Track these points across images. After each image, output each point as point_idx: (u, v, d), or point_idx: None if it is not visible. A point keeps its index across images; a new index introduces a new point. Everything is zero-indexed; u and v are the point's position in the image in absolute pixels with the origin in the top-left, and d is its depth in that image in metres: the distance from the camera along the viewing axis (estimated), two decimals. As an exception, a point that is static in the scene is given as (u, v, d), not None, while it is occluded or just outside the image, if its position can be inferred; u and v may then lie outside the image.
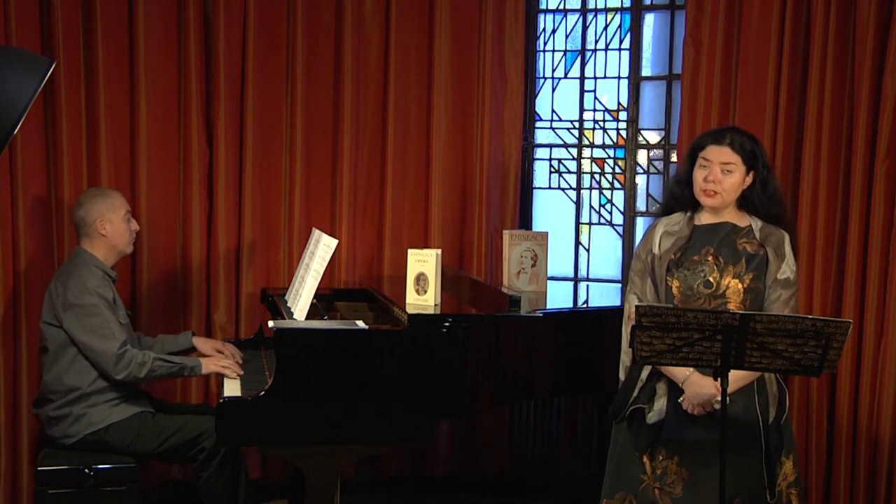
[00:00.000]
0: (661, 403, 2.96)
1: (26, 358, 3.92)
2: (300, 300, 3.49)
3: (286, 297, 3.83)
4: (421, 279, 3.48)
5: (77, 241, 3.98)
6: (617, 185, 4.71)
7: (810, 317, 2.56)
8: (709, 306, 2.90)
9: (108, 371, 3.53)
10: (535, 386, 3.55)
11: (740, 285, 2.92)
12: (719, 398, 2.81)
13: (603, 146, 4.74)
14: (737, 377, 2.81)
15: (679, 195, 3.08)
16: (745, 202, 3.02)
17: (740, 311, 2.59)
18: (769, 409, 2.95)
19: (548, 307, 3.90)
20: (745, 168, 2.97)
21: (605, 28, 4.69)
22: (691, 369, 2.87)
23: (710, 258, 2.95)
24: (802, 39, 3.95)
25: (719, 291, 2.92)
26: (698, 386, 2.87)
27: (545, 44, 4.77)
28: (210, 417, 3.34)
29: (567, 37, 4.76)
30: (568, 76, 4.77)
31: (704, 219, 3.03)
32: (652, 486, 2.94)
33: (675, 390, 2.95)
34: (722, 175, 2.95)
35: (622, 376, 3.05)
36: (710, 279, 2.93)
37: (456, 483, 4.60)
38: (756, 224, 3.01)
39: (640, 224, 4.66)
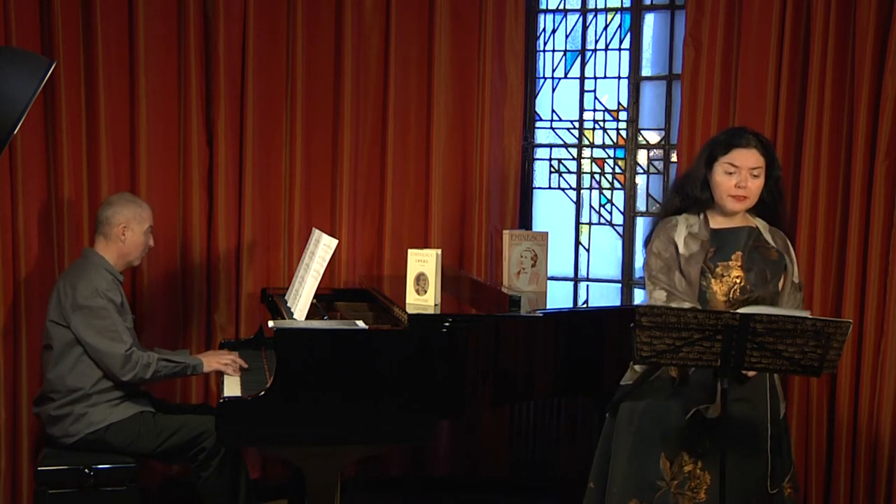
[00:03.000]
0: (718, 400, 2.86)
1: (26, 358, 3.92)
2: (300, 300, 3.49)
3: (286, 297, 3.83)
4: (421, 279, 3.48)
5: (78, 240, 3.99)
6: (617, 185, 4.71)
7: (810, 317, 2.57)
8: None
9: (114, 372, 3.54)
10: (535, 386, 3.54)
11: (768, 289, 2.92)
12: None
13: (603, 146, 4.74)
14: None
15: (698, 198, 3.00)
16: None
17: (740, 311, 2.59)
18: (780, 408, 2.96)
19: (548, 307, 3.89)
20: (766, 169, 2.95)
21: (605, 28, 4.69)
22: None
23: (740, 263, 2.93)
24: (802, 39, 3.95)
25: (753, 297, 2.90)
26: None
27: (545, 44, 4.77)
28: (210, 417, 3.34)
29: (567, 37, 4.76)
30: (568, 76, 4.77)
31: (719, 222, 3.00)
32: (672, 493, 2.89)
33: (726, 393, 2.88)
34: (751, 180, 2.91)
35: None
36: (746, 285, 2.91)
37: (456, 483, 4.60)
38: (762, 225, 3.00)
39: (641, 224, 4.66)
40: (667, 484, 2.92)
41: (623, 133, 4.69)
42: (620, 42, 4.67)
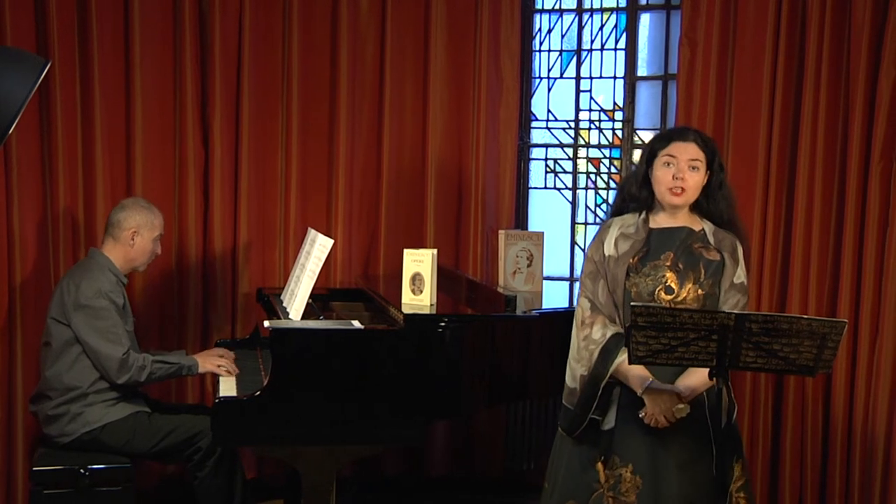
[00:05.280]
0: (613, 410, 2.92)
1: (21, 359, 3.91)
2: (296, 300, 3.49)
3: (282, 297, 3.83)
4: (417, 279, 3.48)
5: (74, 241, 3.98)
6: (612, 184, 4.72)
7: (805, 317, 2.57)
8: None
9: (110, 375, 3.54)
10: (530, 386, 3.55)
11: (700, 291, 2.88)
12: (680, 406, 2.80)
13: (598, 146, 4.74)
14: (697, 383, 2.80)
15: (637, 196, 3.00)
16: (697, 205, 2.97)
17: (735, 311, 2.59)
18: (720, 414, 2.93)
19: (543, 307, 3.90)
20: (706, 166, 2.93)
21: (601, 28, 4.69)
22: (650, 378, 2.84)
23: (669, 264, 2.90)
24: (798, 40, 3.96)
25: (679, 297, 2.88)
26: (658, 395, 2.82)
27: (541, 44, 4.77)
28: (206, 417, 3.34)
29: (563, 37, 4.76)
30: (564, 76, 4.77)
31: (660, 221, 2.97)
32: (605, 495, 2.89)
33: (628, 400, 2.90)
34: (689, 172, 2.89)
35: (571, 384, 2.97)
36: (672, 285, 2.89)
37: (452, 483, 4.60)
38: (709, 228, 2.97)
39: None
40: (601, 486, 2.92)
41: (619, 133, 4.69)
42: (616, 42, 4.68)
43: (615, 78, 4.69)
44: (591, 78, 4.73)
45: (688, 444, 2.84)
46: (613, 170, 4.71)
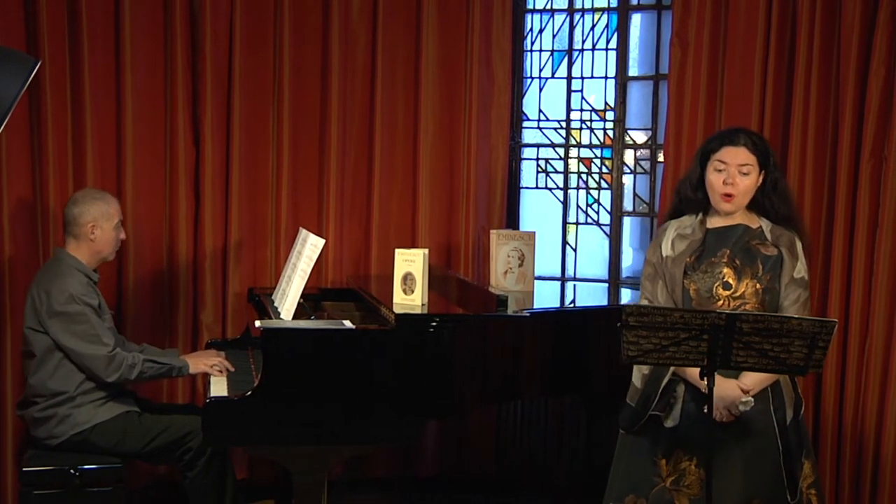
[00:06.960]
0: (678, 407, 2.95)
1: (10, 359, 3.89)
2: (287, 300, 3.49)
3: (273, 297, 3.82)
4: (408, 279, 3.47)
5: (62, 242, 3.96)
6: (604, 184, 4.72)
7: (796, 316, 2.58)
8: (728, 308, 2.88)
9: (99, 374, 3.51)
10: (522, 386, 3.54)
11: (758, 286, 2.91)
12: (745, 399, 2.82)
13: (590, 146, 4.75)
14: (761, 378, 2.83)
15: (692, 199, 3.03)
16: (755, 203, 3.00)
17: (726, 311, 2.60)
18: (786, 410, 2.95)
19: (535, 307, 3.89)
20: (759, 168, 2.96)
21: (592, 28, 4.70)
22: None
23: (726, 260, 2.93)
24: (788, 40, 3.97)
25: (738, 293, 2.91)
26: (722, 390, 2.82)
27: (532, 44, 4.77)
28: (196, 417, 3.33)
29: (554, 37, 4.77)
30: (555, 76, 4.78)
31: (716, 221, 3.01)
32: (668, 489, 2.93)
33: (692, 396, 2.92)
34: (739, 177, 2.93)
35: (638, 384, 3.01)
36: (730, 280, 2.91)
37: (444, 483, 4.60)
38: (766, 225, 3.00)
39: (627, 224, 4.68)
40: (663, 480, 2.95)
41: (610, 133, 4.70)
42: (607, 42, 4.68)
43: (606, 78, 4.70)
44: (582, 78, 4.74)
45: (752, 440, 2.86)
46: (605, 170, 4.72)
